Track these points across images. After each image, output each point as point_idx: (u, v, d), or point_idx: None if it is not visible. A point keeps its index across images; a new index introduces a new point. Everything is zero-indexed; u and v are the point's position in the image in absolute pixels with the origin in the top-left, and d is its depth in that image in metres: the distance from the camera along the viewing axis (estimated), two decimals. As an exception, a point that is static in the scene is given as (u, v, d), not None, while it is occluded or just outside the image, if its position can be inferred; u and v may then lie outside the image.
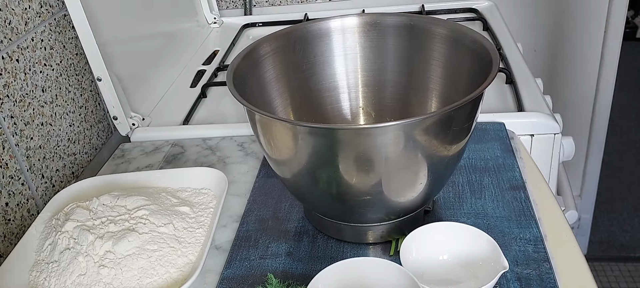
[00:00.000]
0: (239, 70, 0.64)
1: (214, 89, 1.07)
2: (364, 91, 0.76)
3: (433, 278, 0.60)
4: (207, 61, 1.20)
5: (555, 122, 0.86)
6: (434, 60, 0.70)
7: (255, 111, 0.56)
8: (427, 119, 0.53)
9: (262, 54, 0.70)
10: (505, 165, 0.76)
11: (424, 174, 0.58)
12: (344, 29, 0.74)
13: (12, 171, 0.74)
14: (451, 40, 0.68)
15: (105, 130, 0.99)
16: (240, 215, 0.74)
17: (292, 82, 0.73)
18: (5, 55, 0.74)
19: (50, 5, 0.85)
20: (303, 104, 0.74)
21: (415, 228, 0.61)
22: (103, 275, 0.60)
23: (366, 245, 0.66)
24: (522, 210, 0.68)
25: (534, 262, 0.61)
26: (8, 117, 0.74)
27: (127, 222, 0.65)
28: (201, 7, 1.35)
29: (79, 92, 0.91)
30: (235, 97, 0.57)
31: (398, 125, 0.53)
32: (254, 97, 0.66)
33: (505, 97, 0.93)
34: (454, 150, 0.59)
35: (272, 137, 0.59)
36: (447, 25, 0.69)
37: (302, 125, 0.56)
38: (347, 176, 0.56)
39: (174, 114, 1.00)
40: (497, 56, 0.59)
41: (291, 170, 0.60)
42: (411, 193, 0.60)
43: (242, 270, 0.64)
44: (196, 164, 0.86)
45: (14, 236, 0.73)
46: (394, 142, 0.54)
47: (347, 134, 0.54)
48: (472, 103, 0.55)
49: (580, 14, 1.54)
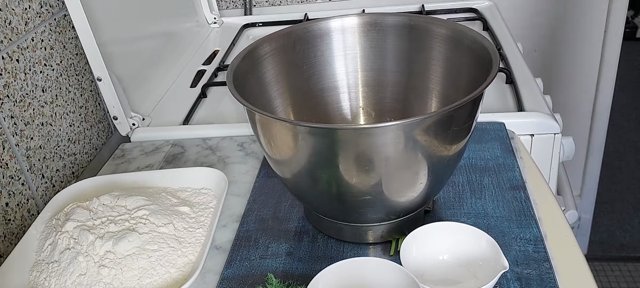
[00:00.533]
0: (239, 70, 0.64)
1: (214, 89, 1.07)
2: (364, 91, 0.76)
3: (433, 278, 0.60)
4: (207, 61, 1.20)
5: (555, 122, 0.86)
6: (434, 60, 0.70)
7: (256, 111, 0.56)
8: (428, 118, 0.53)
9: (262, 54, 0.70)
10: (505, 165, 0.76)
11: (424, 174, 0.58)
12: (344, 29, 0.74)
13: (12, 171, 0.74)
14: (451, 40, 0.68)
15: (105, 130, 0.99)
16: (240, 215, 0.74)
17: (292, 82, 0.73)
18: (5, 55, 0.74)
19: (50, 5, 0.85)
20: (303, 104, 0.74)
21: (416, 228, 0.61)
22: (103, 275, 0.60)
23: (366, 245, 0.66)
24: (522, 210, 0.68)
25: (534, 262, 0.61)
26: (8, 117, 0.74)
27: (127, 222, 0.65)
28: (201, 7, 1.35)
29: (79, 92, 0.91)
30: (236, 97, 0.57)
31: (398, 125, 0.53)
32: (254, 97, 0.66)
33: (505, 97, 0.93)
34: (454, 150, 0.59)
35: (273, 137, 0.59)
36: (447, 25, 0.69)
37: (303, 125, 0.56)
38: (347, 176, 0.56)
39: (174, 114, 1.00)
40: (497, 56, 0.59)
41: (291, 170, 0.60)
42: (411, 193, 0.60)
43: (242, 270, 0.64)
44: (196, 164, 0.86)
45: (14, 236, 0.73)
46: (394, 142, 0.54)
47: (348, 134, 0.54)
48: (472, 103, 0.55)
49: (581, 14, 1.54)
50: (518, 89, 0.94)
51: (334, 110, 0.76)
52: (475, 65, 0.63)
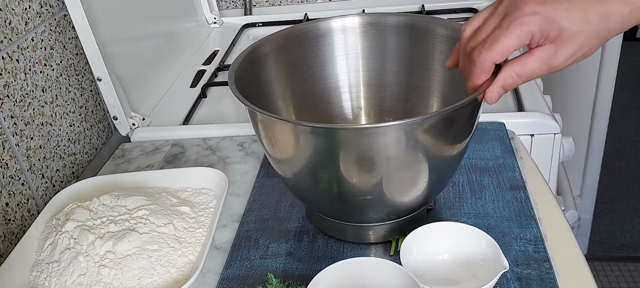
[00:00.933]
0: (240, 70, 0.64)
1: (214, 89, 1.07)
2: (365, 91, 0.76)
3: (433, 278, 0.60)
4: (207, 61, 1.20)
5: (555, 122, 0.86)
6: (435, 60, 0.70)
7: (258, 111, 0.56)
8: (429, 118, 0.53)
9: (263, 54, 0.70)
10: (505, 165, 0.76)
11: (425, 174, 0.58)
12: (345, 29, 0.74)
13: (12, 171, 0.74)
14: (452, 40, 0.68)
15: (105, 130, 0.99)
16: (240, 215, 0.74)
17: (293, 82, 0.73)
18: (5, 55, 0.74)
19: (50, 5, 0.85)
20: (304, 103, 0.74)
21: (417, 228, 0.61)
22: (103, 275, 0.60)
23: (366, 245, 0.66)
24: (522, 210, 0.68)
25: (534, 262, 0.61)
26: (8, 117, 0.74)
27: (128, 222, 0.65)
28: (201, 7, 1.35)
29: (79, 92, 0.91)
30: (238, 97, 0.57)
31: (400, 125, 0.53)
32: (256, 97, 0.66)
33: (505, 97, 0.93)
34: (456, 150, 0.59)
35: (274, 137, 0.59)
36: (448, 24, 0.69)
37: (304, 125, 0.56)
38: (348, 175, 0.56)
39: (174, 114, 1.00)
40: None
41: (292, 170, 0.60)
42: (412, 193, 0.60)
43: (242, 270, 0.64)
44: (196, 164, 0.86)
45: (14, 236, 0.73)
46: (396, 141, 0.54)
47: (349, 134, 0.54)
48: (474, 103, 0.55)
49: (580, 14, 1.54)
50: (518, 88, 0.93)
51: (335, 110, 0.76)
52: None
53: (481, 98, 0.54)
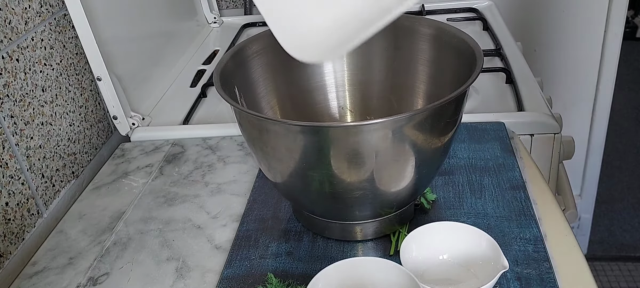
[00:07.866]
0: (226, 69, 0.64)
1: (214, 89, 1.07)
2: (350, 90, 0.77)
3: (433, 278, 0.60)
4: (207, 61, 1.20)
5: (555, 121, 0.86)
6: (420, 58, 0.71)
7: (243, 111, 0.56)
8: (415, 115, 0.54)
9: (250, 53, 0.70)
10: (505, 165, 0.76)
11: (412, 167, 0.59)
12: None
13: (12, 171, 0.74)
14: (435, 39, 0.69)
15: (105, 129, 0.99)
16: (240, 214, 0.74)
17: (280, 81, 0.73)
18: (5, 55, 0.74)
19: (50, 4, 0.85)
20: (290, 102, 0.74)
21: (407, 223, 0.61)
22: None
23: (366, 245, 0.66)
24: (522, 210, 0.68)
25: (534, 262, 0.61)
26: (8, 117, 0.74)
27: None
28: (201, 7, 1.35)
29: (79, 91, 0.91)
30: (224, 97, 0.57)
31: (386, 122, 0.54)
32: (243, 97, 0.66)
33: (505, 97, 0.93)
34: (441, 143, 0.59)
35: (261, 137, 0.59)
36: (431, 24, 0.69)
37: (293, 124, 0.56)
38: (338, 172, 0.57)
39: (174, 114, 1.00)
40: (481, 53, 0.60)
41: (282, 171, 0.60)
42: (401, 187, 0.60)
43: (242, 270, 0.64)
44: (196, 164, 0.86)
45: (14, 236, 0.73)
46: (383, 138, 0.55)
47: (337, 132, 0.54)
48: (457, 100, 0.56)
49: (580, 13, 1.54)
50: (518, 88, 0.94)
51: (322, 108, 0.77)
52: (461, 62, 0.64)
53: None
